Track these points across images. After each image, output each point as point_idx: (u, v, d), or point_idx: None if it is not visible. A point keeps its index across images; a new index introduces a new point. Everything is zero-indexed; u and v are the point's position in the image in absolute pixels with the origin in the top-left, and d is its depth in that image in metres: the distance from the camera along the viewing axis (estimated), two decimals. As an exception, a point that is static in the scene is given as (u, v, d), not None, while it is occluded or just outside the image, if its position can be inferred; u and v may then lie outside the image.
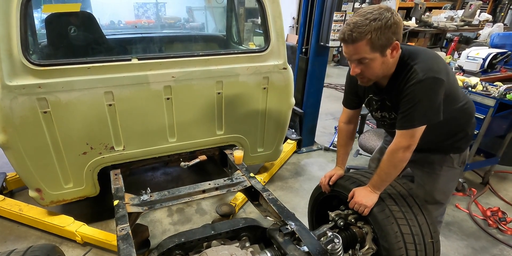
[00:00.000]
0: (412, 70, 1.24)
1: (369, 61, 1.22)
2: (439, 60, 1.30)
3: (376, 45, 1.17)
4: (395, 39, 1.19)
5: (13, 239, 2.19)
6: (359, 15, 1.17)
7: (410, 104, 1.25)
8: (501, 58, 3.33)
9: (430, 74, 1.21)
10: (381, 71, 1.27)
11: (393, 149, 1.35)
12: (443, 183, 1.63)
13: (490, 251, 2.18)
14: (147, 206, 1.83)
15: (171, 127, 2.15)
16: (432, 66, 1.24)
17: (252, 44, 3.19)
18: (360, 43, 1.17)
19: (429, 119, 1.28)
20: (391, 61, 1.26)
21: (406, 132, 1.30)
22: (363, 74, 1.28)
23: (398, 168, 1.37)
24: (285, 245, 1.51)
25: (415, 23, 6.04)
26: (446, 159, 1.58)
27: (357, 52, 1.20)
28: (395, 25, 1.16)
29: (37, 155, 1.86)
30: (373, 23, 1.14)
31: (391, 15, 1.15)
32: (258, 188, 1.93)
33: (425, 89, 1.22)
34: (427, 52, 1.32)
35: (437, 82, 1.22)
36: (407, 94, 1.25)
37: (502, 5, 7.40)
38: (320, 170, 3.13)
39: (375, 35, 1.15)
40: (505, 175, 3.12)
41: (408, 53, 1.29)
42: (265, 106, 2.36)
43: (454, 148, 1.56)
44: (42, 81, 1.71)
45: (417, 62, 1.24)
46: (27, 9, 1.63)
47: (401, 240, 1.37)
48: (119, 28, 4.35)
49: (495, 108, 2.41)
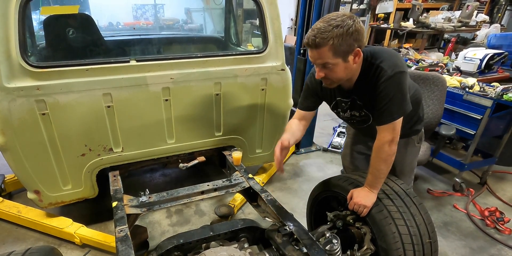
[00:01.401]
0: (379, 68, 1.32)
1: (332, 66, 1.29)
2: (398, 56, 1.39)
3: (338, 51, 1.24)
4: (357, 46, 1.26)
5: (11, 241, 2.19)
6: (323, 21, 1.23)
7: (386, 99, 1.32)
8: (498, 58, 3.35)
9: (397, 69, 1.30)
10: (344, 75, 1.35)
11: (379, 145, 1.41)
12: (409, 161, 1.85)
13: (488, 251, 2.18)
14: (146, 207, 1.83)
15: (170, 128, 2.16)
16: (396, 62, 1.33)
17: (250, 46, 3.20)
18: (323, 48, 1.23)
19: (405, 110, 1.37)
20: (354, 67, 1.33)
21: (387, 126, 1.37)
22: (327, 77, 1.35)
23: (388, 163, 1.42)
24: (284, 246, 1.51)
25: (413, 24, 6.05)
26: (409, 142, 1.77)
27: (320, 57, 1.27)
28: (357, 33, 1.22)
29: (35, 157, 1.86)
30: (335, 30, 1.19)
31: (353, 22, 1.21)
32: (256, 189, 1.93)
33: (396, 83, 1.31)
34: (386, 50, 1.40)
35: (403, 75, 1.32)
36: (381, 91, 1.32)
37: (499, 6, 7.43)
38: (318, 171, 3.14)
39: (337, 41, 1.21)
40: (503, 175, 3.13)
41: (370, 54, 1.36)
42: (264, 107, 2.36)
43: (413, 131, 1.74)
44: (41, 83, 1.71)
45: (381, 60, 1.33)
46: (25, 11, 1.63)
47: (399, 241, 1.38)
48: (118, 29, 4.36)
49: (492, 109, 2.43)
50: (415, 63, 3.64)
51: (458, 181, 2.76)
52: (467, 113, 2.60)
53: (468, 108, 2.59)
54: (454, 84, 2.76)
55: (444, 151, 2.84)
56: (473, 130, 2.57)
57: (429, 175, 3.08)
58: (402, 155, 1.78)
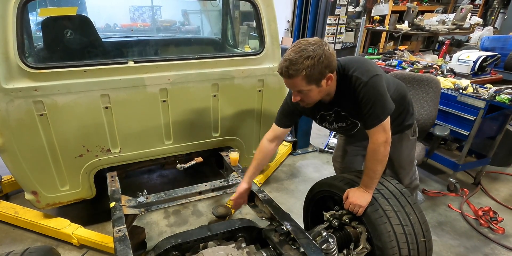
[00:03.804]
0: (354, 77, 1.37)
1: (307, 91, 1.35)
2: (368, 61, 1.44)
3: (310, 79, 1.29)
4: (328, 71, 1.30)
5: (8, 242, 2.18)
6: (294, 52, 1.26)
7: (369, 104, 1.37)
8: (491, 60, 3.40)
9: (370, 74, 1.36)
10: (319, 97, 1.42)
11: (374, 148, 1.44)
12: (406, 154, 1.91)
13: (481, 250, 2.22)
14: (144, 208, 1.84)
15: (167, 129, 2.17)
16: (367, 68, 1.38)
17: (247, 47, 3.23)
18: (296, 78, 1.29)
19: (389, 109, 1.41)
20: (327, 88, 1.39)
21: (377, 128, 1.41)
22: (303, 100, 1.43)
23: (383, 163, 1.46)
24: (281, 245, 1.53)
25: (408, 26, 6.12)
26: (403, 137, 1.82)
27: (295, 85, 1.33)
28: (327, 60, 1.26)
29: (33, 158, 1.86)
30: (306, 62, 1.24)
31: (322, 51, 1.25)
32: (253, 190, 1.95)
33: (373, 87, 1.36)
34: (355, 59, 1.46)
35: (378, 78, 1.37)
36: (362, 98, 1.37)
37: (493, 9, 7.52)
38: (315, 172, 3.16)
39: (309, 71, 1.26)
40: (496, 175, 3.17)
41: (342, 67, 1.41)
42: (261, 108, 2.38)
43: (405, 126, 1.78)
44: (39, 84, 1.72)
45: (354, 70, 1.38)
46: (23, 12, 1.64)
47: (394, 240, 1.41)
48: (115, 31, 4.36)
49: (485, 110, 2.46)
50: (410, 65, 3.68)
51: (453, 182, 2.80)
52: (461, 114, 2.64)
53: (461, 109, 2.63)
54: (448, 86, 2.80)
55: (438, 151, 2.88)
56: (467, 131, 2.61)
57: (423, 176, 3.11)
58: (399, 150, 1.83)
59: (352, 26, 7.40)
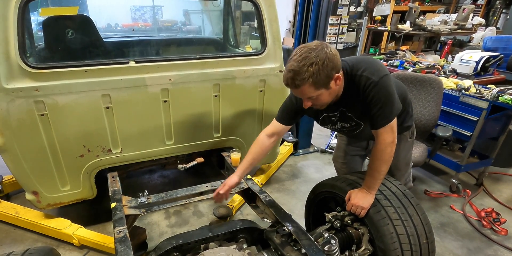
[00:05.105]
0: (364, 77, 1.35)
1: (317, 96, 1.32)
2: (376, 61, 1.42)
3: (318, 85, 1.26)
4: (335, 72, 1.27)
5: (9, 242, 2.18)
6: (296, 61, 1.22)
7: (379, 104, 1.35)
8: (494, 61, 3.38)
9: (380, 74, 1.34)
10: (330, 99, 1.39)
11: (381, 148, 1.43)
12: (403, 156, 1.90)
13: (484, 252, 2.20)
14: (145, 208, 1.84)
15: (168, 129, 2.16)
16: (376, 67, 1.36)
17: (248, 47, 3.21)
18: (303, 87, 1.26)
19: (397, 110, 1.41)
20: (337, 88, 1.36)
21: (385, 128, 1.40)
22: (315, 104, 1.40)
23: (388, 164, 1.46)
24: (282, 246, 1.52)
25: (410, 26, 6.10)
26: (401, 138, 1.80)
27: (304, 93, 1.31)
28: (331, 63, 1.23)
29: (34, 158, 1.86)
30: (310, 69, 1.21)
31: (325, 54, 1.21)
32: (255, 190, 1.94)
33: (383, 87, 1.34)
34: (363, 59, 1.43)
35: (388, 78, 1.36)
36: (372, 98, 1.35)
37: (495, 9, 7.50)
38: (316, 172, 3.15)
39: (315, 78, 1.23)
40: (499, 176, 3.16)
41: (350, 67, 1.38)
42: (262, 109, 2.37)
43: (404, 128, 1.77)
44: (40, 84, 1.71)
45: (363, 69, 1.36)
46: (24, 12, 1.63)
47: (396, 241, 1.39)
48: (116, 31, 4.36)
49: (488, 111, 2.45)
50: (412, 65, 3.67)
51: (455, 182, 2.78)
52: (463, 114, 2.62)
53: (464, 109, 2.61)
54: (451, 86, 2.79)
55: (440, 152, 2.87)
56: (470, 131, 2.60)
57: (426, 176, 3.10)
58: (396, 151, 1.80)
59: (353, 26, 7.38)
